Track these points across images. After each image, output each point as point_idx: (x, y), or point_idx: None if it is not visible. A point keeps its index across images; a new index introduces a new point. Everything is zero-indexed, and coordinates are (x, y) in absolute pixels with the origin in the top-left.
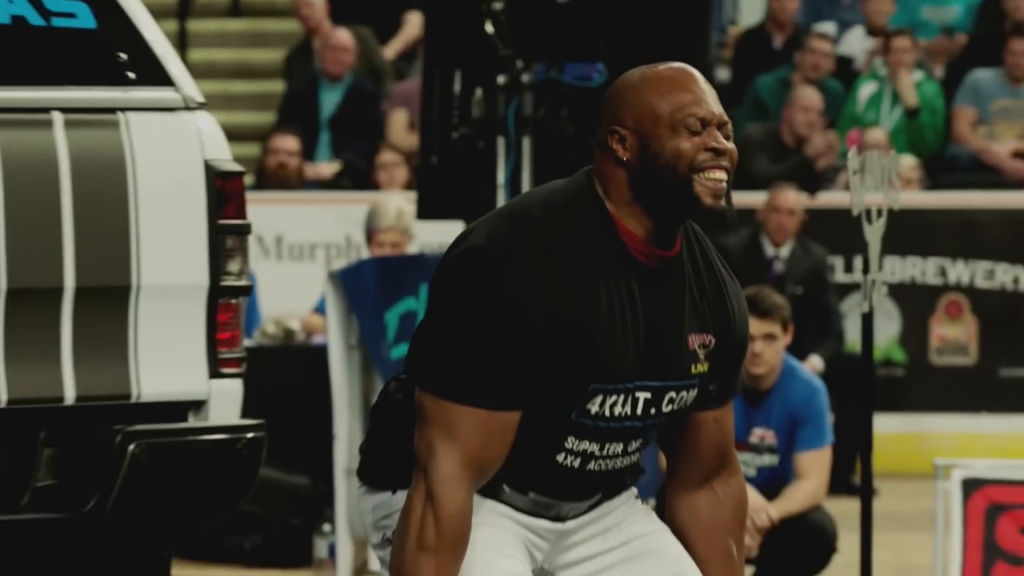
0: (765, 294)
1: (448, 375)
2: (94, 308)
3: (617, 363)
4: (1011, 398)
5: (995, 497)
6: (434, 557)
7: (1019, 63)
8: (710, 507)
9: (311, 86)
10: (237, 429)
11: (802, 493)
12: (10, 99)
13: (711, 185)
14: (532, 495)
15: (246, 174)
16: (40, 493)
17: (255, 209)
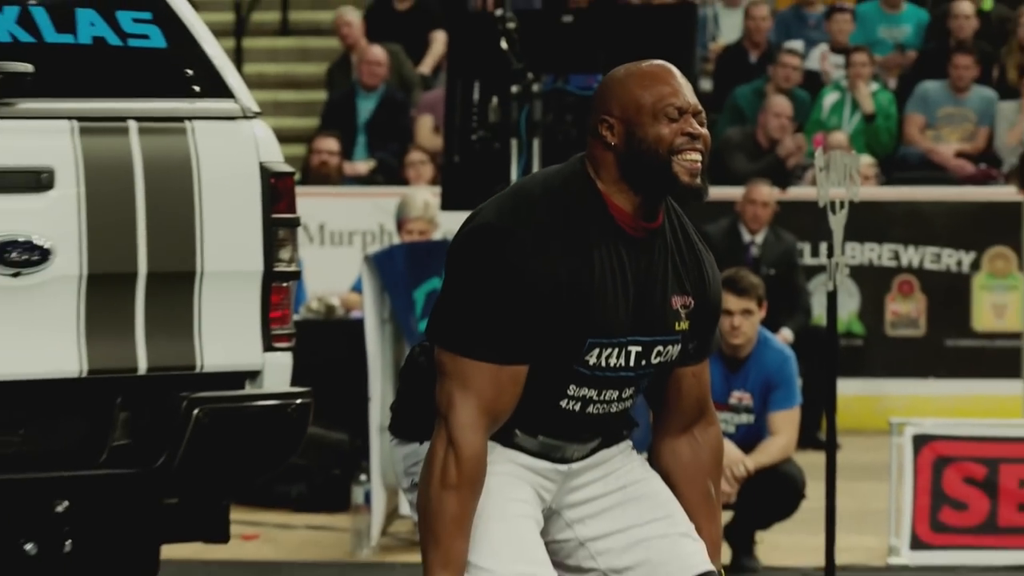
0: (742, 275)
1: (464, 335)
2: (164, 290)
3: (611, 320)
4: (955, 365)
5: (942, 451)
6: (456, 493)
7: (962, 76)
8: (691, 452)
9: (349, 95)
10: (287, 396)
11: (775, 447)
12: (92, 109)
13: (688, 165)
14: (541, 438)
15: (295, 174)
16: (116, 451)
17: (301, 201)
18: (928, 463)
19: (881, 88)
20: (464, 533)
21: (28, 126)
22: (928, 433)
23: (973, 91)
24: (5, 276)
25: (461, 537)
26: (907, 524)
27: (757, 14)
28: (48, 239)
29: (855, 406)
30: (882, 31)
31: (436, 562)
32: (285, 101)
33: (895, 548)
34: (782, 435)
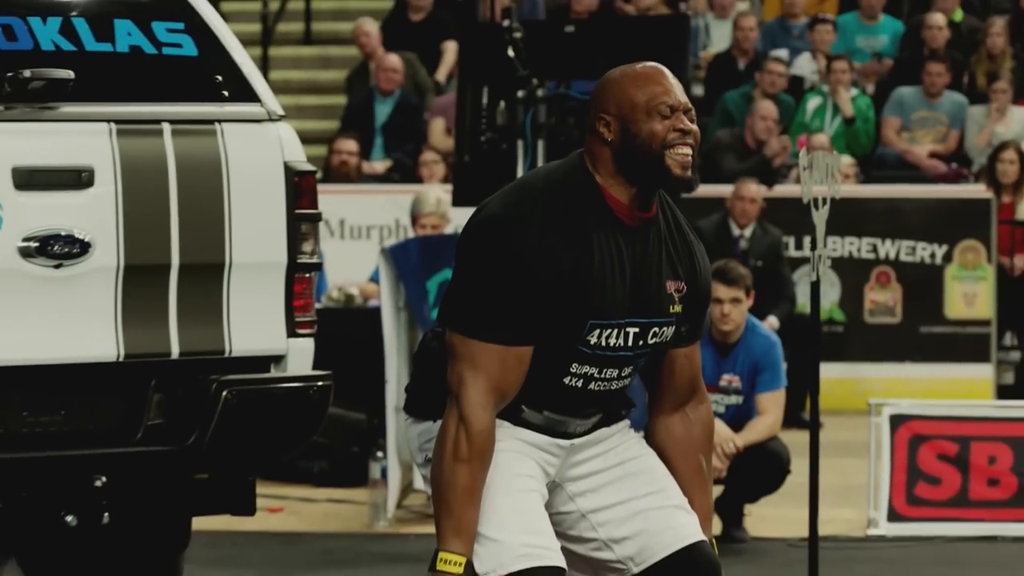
0: (732, 266)
1: (473, 319)
2: (195, 281)
3: (609, 304)
4: (929, 350)
5: (917, 430)
6: (467, 466)
7: (935, 82)
8: (683, 429)
9: (368, 100)
10: (309, 379)
11: (762, 426)
12: (129, 113)
13: (679, 159)
14: (546, 413)
15: (317, 173)
16: (150, 430)
17: (322, 198)
18: (904, 441)
19: (860, 93)
20: (475, 503)
21: (69, 128)
22: (904, 413)
23: (945, 96)
24: (48, 267)
25: (472, 506)
26: (885, 498)
27: (745, 24)
28: (88, 233)
29: (836, 388)
30: (860, 41)
31: (449, 530)
32: (308, 105)
33: (874, 520)
34: (769, 415)
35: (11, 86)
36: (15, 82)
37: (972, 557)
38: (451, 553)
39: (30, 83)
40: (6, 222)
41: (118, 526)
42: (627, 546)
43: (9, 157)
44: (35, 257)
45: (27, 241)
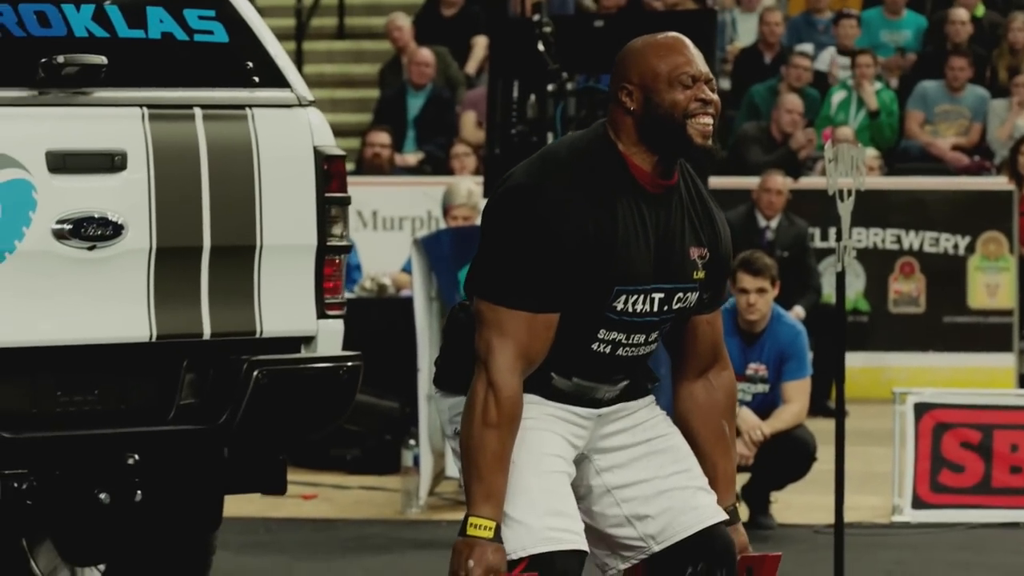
0: (758, 256)
1: (500, 286)
2: (226, 263)
3: (634, 269)
4: (952, 340)
5: (941, 418)
6: (496, 431)
7: (957, 76)
8: (706, 394)
9: (400, 93)
10: (339, 359)
11: (788, 414)
12: (161, 98)
13: (700, 128)
14: (575, 379)
15: (346, 157)
16: (183, 409)
17: (356, 190)
18: (928, 429)
19: (884, 87)
20: (504, 468)
21: (102, 113)
22: (928, 402)
23: (968, 90)
24: (81, 249)
25: (501, 472)
26: (909, 485)
27: (771, 19)
28: (121, 216)
29: (861, 377)
30: (885, 35)
31: (479, 495)
32: (341, 99)
33: (898, 507)
34: (795, 403)
35: (45, 72)
36: (49, 68)
37: (995, 543)
38: (481, 518)
39: (63, 69)
40: (40, 205)
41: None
42: (650, 524)
43: (43, 141)
44: (69, 239)
45: (61, 223)
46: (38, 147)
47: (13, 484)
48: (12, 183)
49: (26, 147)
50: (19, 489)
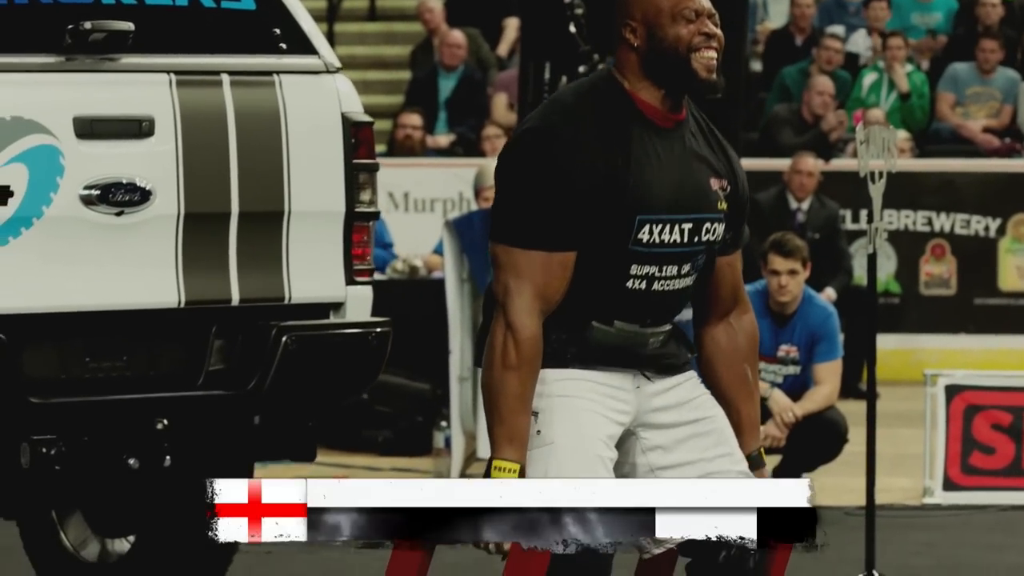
0: (789, 238)
1: (514, 227)
2: (255, 228)
3: (654, 198)
4: (983, 321)
5: (972, 400)
6: (516, 373)
7: (988, 58)
8: (728, 339)
9: (432, 75)
10: (368, 325)
11: (820, 396)
12: (188, 64)
13: (705, 62)
14: (617, 323)
15: (374, 123)
16: (212, 375)
17: (388, 172)
18: (959, 411)
19: (915, 69)
20: (526, 410)
21: (130, 79)
22: (959, 384)
23: (998, 72)
24: (109, 215)
25: (523, 413)
26: (940, 467)
27: (802, 1)
28: (148, 181)
29: (892, 359)
30: (915, 17)
31: (502, 437)
32: (373, 80)
33: (929, 489)
34: (826, 384)
35: (72, 38)
36: (76, 34)
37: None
38: (505, 460)
39: (91, 35)
40: (68, 170)
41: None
42: None
43: (70, 107)
44: (97, 205)
45: (89, 189)
46: (65, 113)
47: (42, 450)
48: (39, 149)
49: (53, 113)
50: (48, 455)
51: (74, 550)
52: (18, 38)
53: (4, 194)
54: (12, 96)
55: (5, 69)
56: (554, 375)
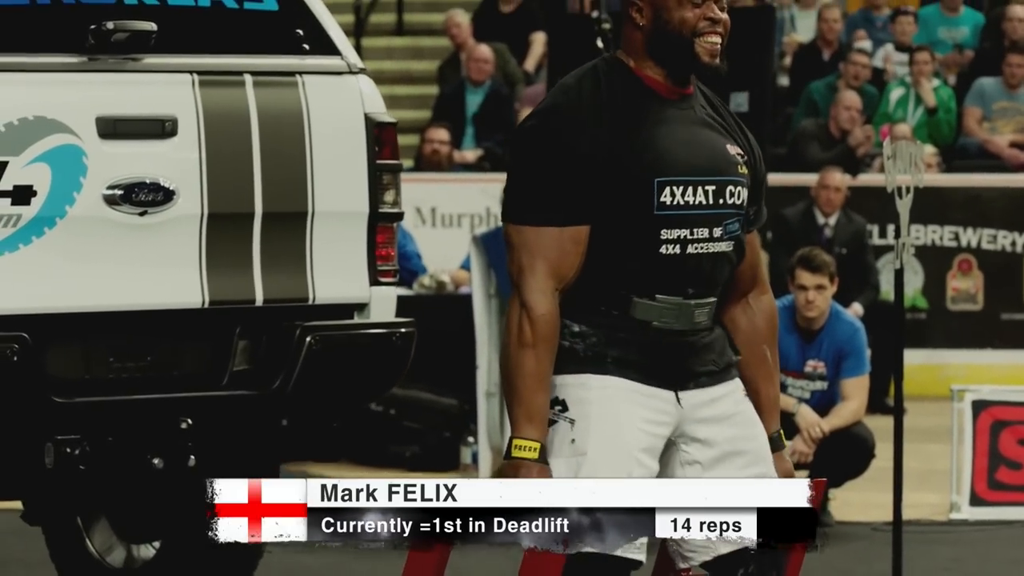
0: (816, 253)
1: (523, 206)
2: (278, 229)
3: (669, 159)
4: (1010, 336)
5: (999, 415)
6: (532, 350)
7: (1015, 73)
8: (747, 320)
9: (459, 90)
10: (392, 325)
11: (847, 411)
12: (211, 64)
13: (708, 47)
14: (659, 297)
15: (397, 124)
16: (236, 375)
17: (415, 187)
18: (986, 426)
19: (942, 84)
20: (543, 387)
21: (152, 79)
22: (986, 399)
23: None
24: (132, 215)
25: (541, 391)
26: (967, 482)
27: (829, 16)
28: (172, 181)
29: (919, 374)
30: (942, 32)
31: (521, 416)
32: (400, 95)
33: (956, 504)
34: (853, 400)
35: (95, 38)
36: (98, 34)
37: None
38: (525, 439)
39: (113, 35)
40: (91, 170)
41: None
42: None
43: (93, 106)
44: (120, 204)
45: (112, 189)
46: (88, 113)
47: (66, 449)
48: (63, 148)
49: (76, 113)
50: (72, 455)
51: (100, 556)
52: (41, 38)
53: (27, 194)
54: (35, 96)
55: (28, 69)
56: (594, 382)
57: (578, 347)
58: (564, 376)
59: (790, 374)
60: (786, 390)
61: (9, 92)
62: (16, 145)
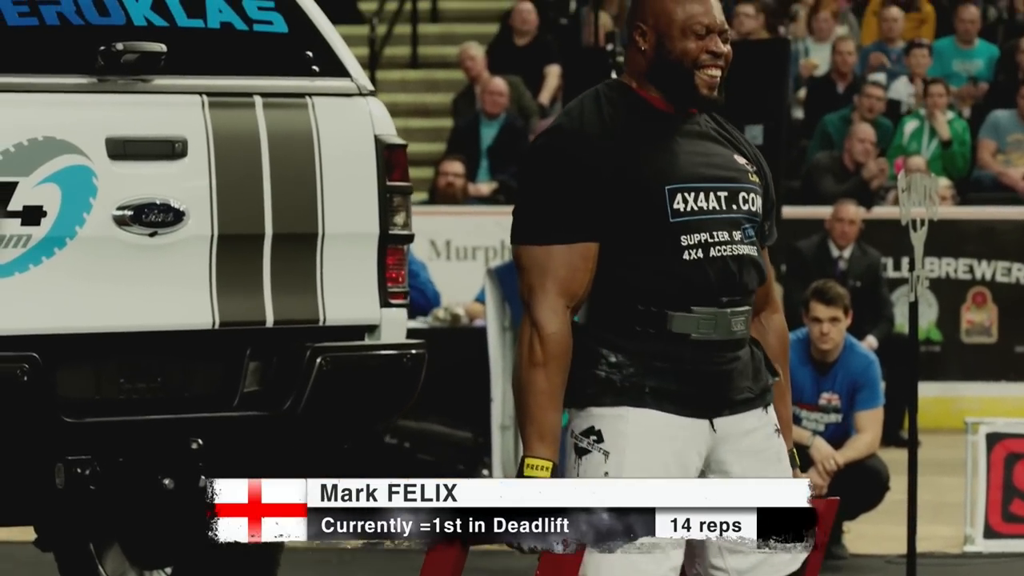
0: (830, 285)
1: (529, 225)
2: (289, 250)
3: (677, 167)
4: None
5: (1013, 448)
6: (543, 370)
7: None
8: (759, 338)
9: (473, 122)
10: (402, 347)
11: (862, 443)
12: (221, 86)
13: (707, 79)
14: (694, 309)
15: (407, 146)
16: (247, 397)
17: (429, 220)
18: (1000, 459)
19: (956, 117)
20: (555, 406)
21: (162, 100)
22: (1000, 432)
23: None
24: (142, 236)
25: (552, 410)
26: (981, 515)
27: (844, 48)
28: (182, 202)
29: (934, 407)
30: (957, 65)
31: (533, 435)
32: (415, 128)
33: (970, 537)
34: (868, 432)
35: (104, 59)
36: (108, 55)
37: None
38: (537, 458)
39: (123, 56)
40: (101, 191)
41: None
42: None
43: (102, 127)
44: (130, 225)
45: (122, 210)
46: (98, 134)
47: (76, 470)
48: (72, 169)
49: (86, 133)
50: (82, 475)
51: None
52: (51, 59)
53: (37, 214)
54: (45, 117)
55: (38, 90)
56: (632, 415)
57: (615, 378)
58: (602, 408)
59: (805, 407)
60: (800, 423)
61: (19, 113)
62: (26, 166)
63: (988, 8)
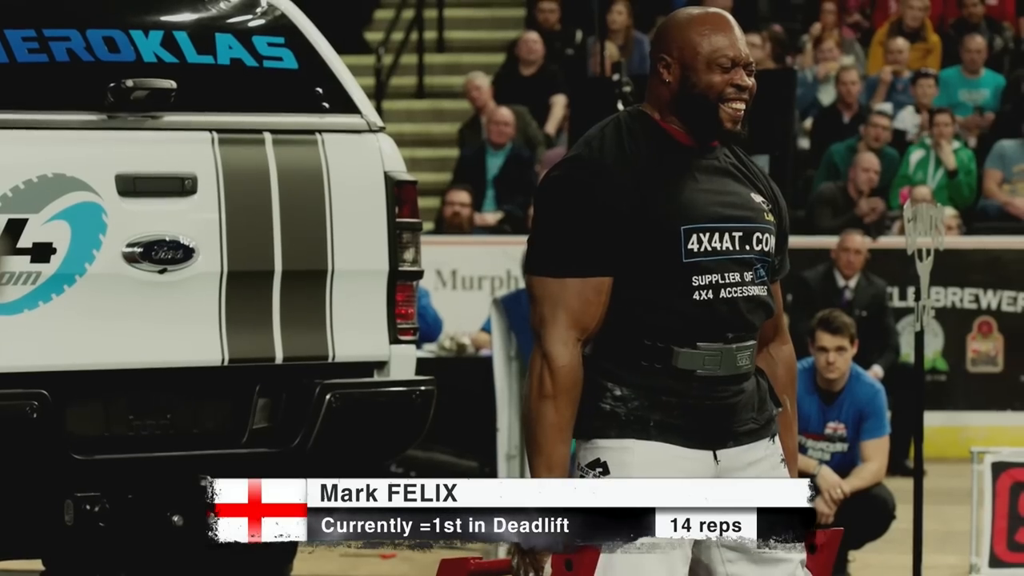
0: (836, 315)
1: (546, 257)
2: (298, 287)
3: (694, 207)
4: None
5: (1019, 477)
6: (553, 402)
7: None
8: (768, 369)
9: (479, 152)
10: (412, 383)
11: (867, 472)
12: (231, 122)
13: (731, 113)
14: (699, 345)
15: (416, 183)
16: (256, 433)
17: (435, 249)
18: (1006, 488)
19: (962, 146)
20: (564, 439)
21: (172, 137)
22: (1006, 461)
23: None
24: (152, 272)
25: (562, 442)
26: (986, 544)
27: (848, 79)
28: (192, 239)
29: (939, 436)
30: (963, 95)
31: (541, 466)
32: (421, 158)
33: (976, 566)
34: (874, 461)
35: (114, 96)
36: (118, 92)
37: None
38: None
39: (133, 93)
40: (111, 228)
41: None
42: None
43: (113, 164)
44: (140, 262)
45: (132, 247)
46: (108, 170)
47: (85, 506)
48: (82, 206)
49: (96, 170)
50: (91, 512)
51: None
52: (60, 96)
53: (47, 251)
54: (54, 153)
55: (48, 127)
56: (637, 447)
57: (620, 411)
58: (607, 440)
59: (811, 436)
60: (806, 452)
61: (28, 150)
62: (35, 203)
63: (994, 38)
